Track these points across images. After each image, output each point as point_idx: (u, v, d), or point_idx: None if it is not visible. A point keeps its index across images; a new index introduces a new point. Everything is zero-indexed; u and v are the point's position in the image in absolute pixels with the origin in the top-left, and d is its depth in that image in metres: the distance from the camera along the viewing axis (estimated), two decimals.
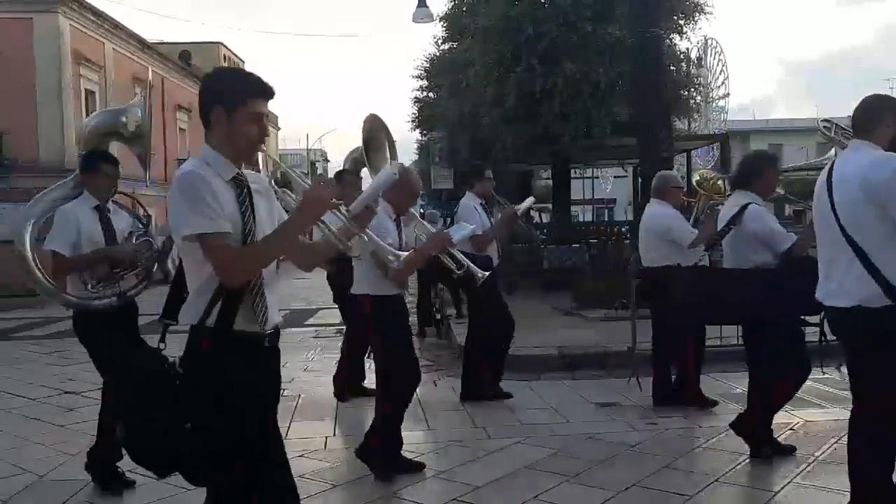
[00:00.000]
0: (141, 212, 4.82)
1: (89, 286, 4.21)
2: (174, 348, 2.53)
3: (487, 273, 3.40)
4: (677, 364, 5.89)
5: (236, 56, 42.26)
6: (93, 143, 4.76)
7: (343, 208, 2.63)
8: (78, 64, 23.40)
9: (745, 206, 4.49)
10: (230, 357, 2.45)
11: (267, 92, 2.56)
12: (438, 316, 10.15)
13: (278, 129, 52.24)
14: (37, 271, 4.35)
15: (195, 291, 2.48)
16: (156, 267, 4.55)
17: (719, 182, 5.85)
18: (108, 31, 25.64)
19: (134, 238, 4.44)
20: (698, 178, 6.01)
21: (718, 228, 4.69)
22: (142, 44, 28.54)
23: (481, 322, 6.25)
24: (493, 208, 6.44)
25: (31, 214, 4.48)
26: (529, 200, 6.92)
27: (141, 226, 4.57)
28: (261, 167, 2.97)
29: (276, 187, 2.76)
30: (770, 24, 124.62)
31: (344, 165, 6.94)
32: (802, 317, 4.43)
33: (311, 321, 12.34)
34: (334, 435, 5.23)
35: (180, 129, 32.30)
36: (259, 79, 2.56)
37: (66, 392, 7.33)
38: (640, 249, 5.96)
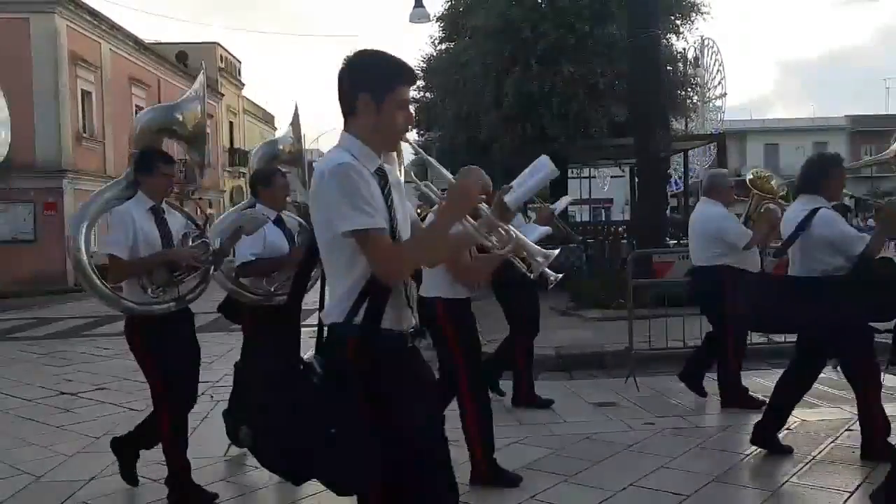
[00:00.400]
0: (198, 212, 4.67)
1: (149, 291, 4.00)
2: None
3: (561, 275, 3.41)
4: (719, 366, 5.84)
5: (233, 56, 42.19)
6: (143, 141, 4.44)
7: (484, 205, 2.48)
8: (74, 64, 23.37)
9: (814, 211, 4.37)
10: (378, 356, 2.33)
11: (413, 78, 2.43)
12: None
13: (275, 129, 52.19)
14: (94, 276, 4.05)
15: (345, 289, 2.34)
16: (213, 270, 4.36)
17: (773, 182, 5.78)
18: (104, 32, 25.60)
19: (190, 240, 4.23)
20: (751, 176, 5.94)
21: (785, 234, 4.58)
22: (138, 44, 28.50)
23: (525, 327, 6.12)
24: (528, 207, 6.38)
25: (85, 215, 4.19)
26: (566, 199, 6.84)
27: (194, 227, 4.37)
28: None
29: (417, 180, 2.62)
30: (767, 24, 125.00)
31: None
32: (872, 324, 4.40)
33: (303, 322, 12.31)
34: None
35: None
36: (405, 63, 2.42)
37: (62, 393, 7.33)
38: (690, 248, 5.92)
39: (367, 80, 2.37)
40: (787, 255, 4.69)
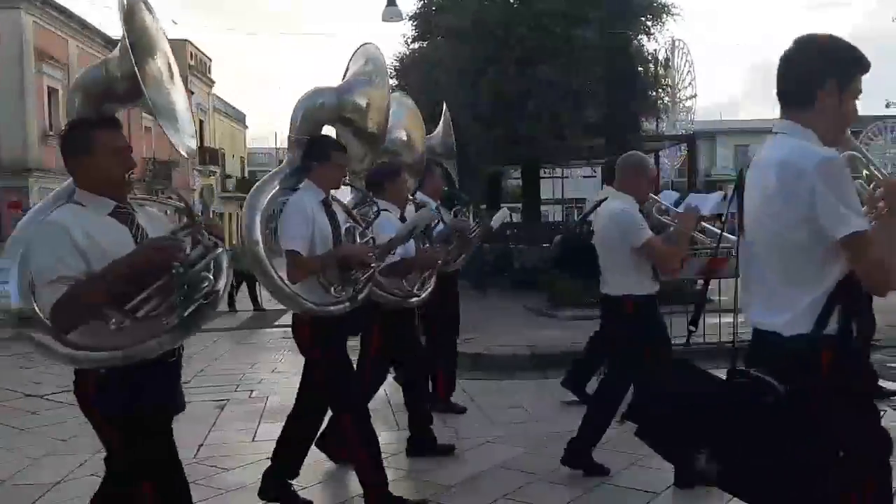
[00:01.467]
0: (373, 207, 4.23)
1: (332, 290, 3.65)
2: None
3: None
4: None
5: (204, 54, 41.76)
6: (307, 128, 3.93)
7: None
8: (41, 61, 22.98)
9: None
10: (856, 373, 2.12)
11: (868, 66, 2.23)
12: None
13: (246, 127, 51.79)
14: (274, 273, 3.63)
15: (812, 298, 2.10)
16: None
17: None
18: (72, 29, 25.22)
19: (356, 236, 3.87)
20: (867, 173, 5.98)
21: None
22: (107, 41, 28.09)
23: None
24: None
25: (257, 206, 3.72)
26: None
27: (352, 221, 3.96)
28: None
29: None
30: (738, 26, 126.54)
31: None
32: None
33: (279, 322, 12.24)
34: None
35: (146, 127, 31.81)
36: (859, 49, 2.21)
37: (27, 395, 7.20)
38: None
39: (836, 66, 2.16)
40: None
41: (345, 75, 4.12)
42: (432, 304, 4.93)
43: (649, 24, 14.68)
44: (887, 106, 23.35)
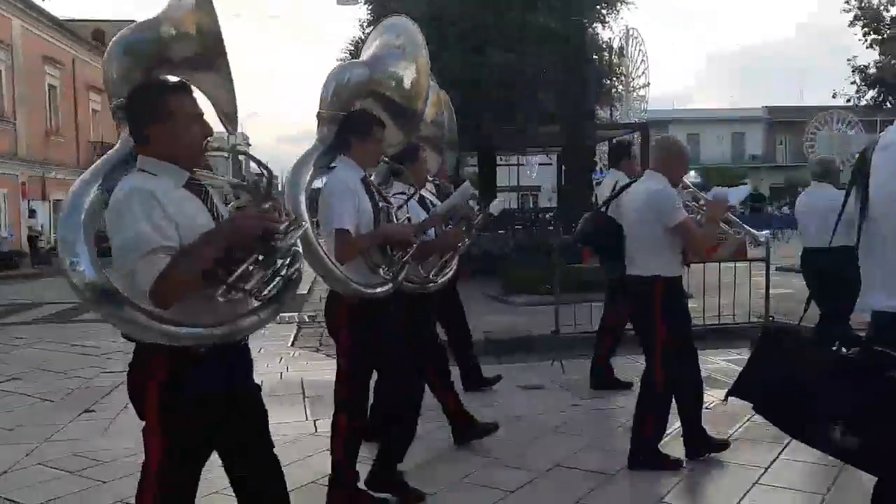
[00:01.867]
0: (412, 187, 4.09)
1: (381, 271, 3.50)
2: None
3: (767, 231, 3.29)
4: None
5: None
6: (339, 103, 3.67)
7: None
8: None
9: None
10: None
11: None
12: None
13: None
14: (324, 255, 3.44)
15: None
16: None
17: None
18: (15, 8, 24.43)
19: (393, 215, 3.73)
20: None
21: None
22: (52, 21, 27.30)
23: None
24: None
25: (301, 183, 3.49)
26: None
27: (384, 200, 3.75)
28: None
29: None
30: (690, 16, 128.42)
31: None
32: None
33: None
34: None
35: (93, 110, 31.04)
36: None
37: None
38: (808, 231, 5.90)
39: None
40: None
41: (363, 52, 3.95)
42: (443, 292, 4.77)
43: (604, 12, 14.82)
44: (833, 96, 23.90)
